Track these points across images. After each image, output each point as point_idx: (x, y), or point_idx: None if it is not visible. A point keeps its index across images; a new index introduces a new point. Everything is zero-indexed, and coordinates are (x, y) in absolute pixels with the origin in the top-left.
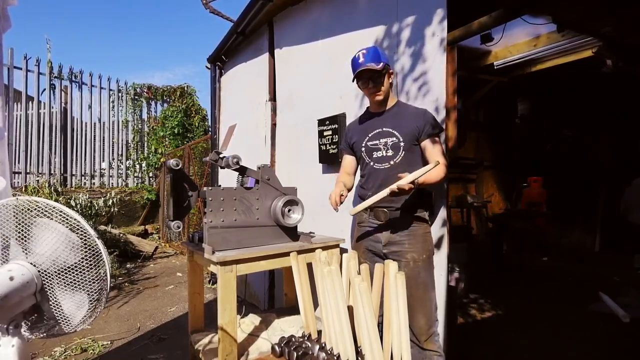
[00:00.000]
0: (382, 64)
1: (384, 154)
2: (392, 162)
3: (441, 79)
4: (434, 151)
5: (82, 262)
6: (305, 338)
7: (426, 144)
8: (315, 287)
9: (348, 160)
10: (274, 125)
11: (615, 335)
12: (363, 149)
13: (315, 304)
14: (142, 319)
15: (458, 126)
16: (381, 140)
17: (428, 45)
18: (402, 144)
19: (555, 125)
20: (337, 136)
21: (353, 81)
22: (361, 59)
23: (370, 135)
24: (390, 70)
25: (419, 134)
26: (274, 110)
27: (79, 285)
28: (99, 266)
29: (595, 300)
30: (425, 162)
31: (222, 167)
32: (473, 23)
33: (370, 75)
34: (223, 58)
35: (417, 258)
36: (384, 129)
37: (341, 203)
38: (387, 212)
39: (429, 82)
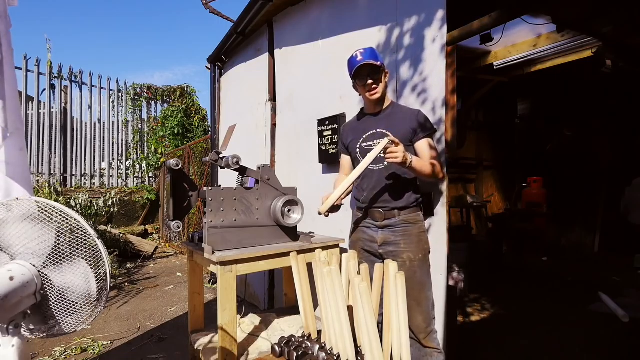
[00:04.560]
0: (379, 62)
1: (379, 155)
2: (386, 162)
3: (441, 78)
4: (426, 152)
5: (82, 261)
6: (305, 338)
7: (419, 144)
8: (315, 287)
9: (346, 161)
10: (274, 125)
11: (615, 335)
12: (358, 150)
13: (315, 304)
14: (142, 319)
15: (458, 126)
16: (375, 142)
17: (427, 45)
18: None
19: (555, 125)
20: (337, 136)
21: (351, 79)
22: (359, 57)
23: (364, 136)
24: (387, 71)
25: (412, 135)
26: (273, 110)
27: (79, 285)
28: (99, 266)
29: (595, 300)
30: None
31: (222, 167)
32: (473, 23)
33: (368, 72)
34: (223, 58)
35: (413, 258)
36: (378, 130)
37: (334, 210)
38: (382, 212)
39: (428, 82)
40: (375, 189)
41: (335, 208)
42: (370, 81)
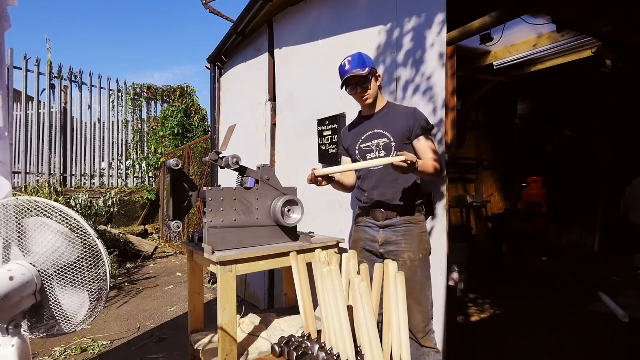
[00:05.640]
0: (367, 69)
1: (377, 155)
2: None
3: (441, 79)
4: (425, 149)
5: (82, 261)
6: (305, 338)
7: (417, 142)
8: (315, 287)
9: (347, 162)
10: (273, 125)
11: (615, 335)
12: (357, 151)
13: (315, 304)
14: (142, 319)
15: (458, 126)
16: (373, 142)
17: (428, 46)
18: (393, 144)
19: (555, 125)
20: (336, 136)
21: (342, 88)
22: (347, 67)
23: (362, 138)
24: (378, 74)
25: (409, 133)
26: (273, 110)
27: (78, 285)
28: (98, 266)
29: (595, 300)
30: None
31: (222, 167)
32: (473, 23)
33: (357, 81)
34: (223, 58)
35: (414, 258)
36: (376, 130)
37: (318, 183)
38: (384, 212)
39: (428, 82)
40: (376, 189)
41: (323, 180)
42: (359, 90)
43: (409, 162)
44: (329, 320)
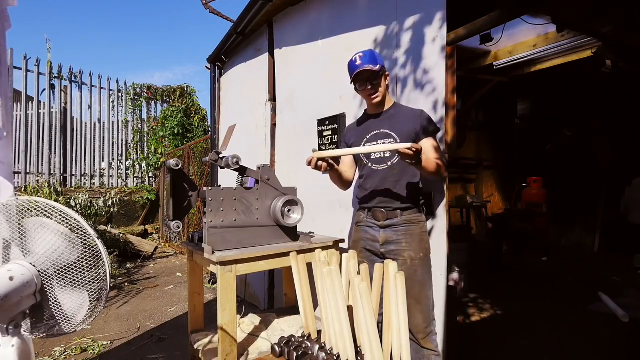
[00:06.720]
0: (379, 65)
1: (382, 155)
2: (389, 163)
3: (441, 78)
4: (429, 150)
5: (82, 262)
6: (305, 338)
7: (423, 144)
8: (315, 287)
9: (347, 159)
10: (273, 125)
11: (615, 335)
12: None
13: (315, 304)
14: (142, 319)
15: (458, 126)
16: (379, 142)
17: (428, 45)
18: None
19: (555, 125)
20: (336, 136)
21: (351, 84)
22: (358, 62)
23: (368, 137)
24: (387, 73)
25: (415, 135)
26: (273, 111)
27: (78, 285)
28: (98, 266)
29: (595, 300)
30: None
31: (222, 167)
32: (472, 23)
33: (367, 77)
34: (223, 58)
35: (414, 257)
36: (382, 130)
37: (319, 168)
38: (384, 212)
39: (428, 82)
40: (377, 189)
41: (323, 166)
42: (369, 86)
43: (415, 149)
44: (329, 320)
